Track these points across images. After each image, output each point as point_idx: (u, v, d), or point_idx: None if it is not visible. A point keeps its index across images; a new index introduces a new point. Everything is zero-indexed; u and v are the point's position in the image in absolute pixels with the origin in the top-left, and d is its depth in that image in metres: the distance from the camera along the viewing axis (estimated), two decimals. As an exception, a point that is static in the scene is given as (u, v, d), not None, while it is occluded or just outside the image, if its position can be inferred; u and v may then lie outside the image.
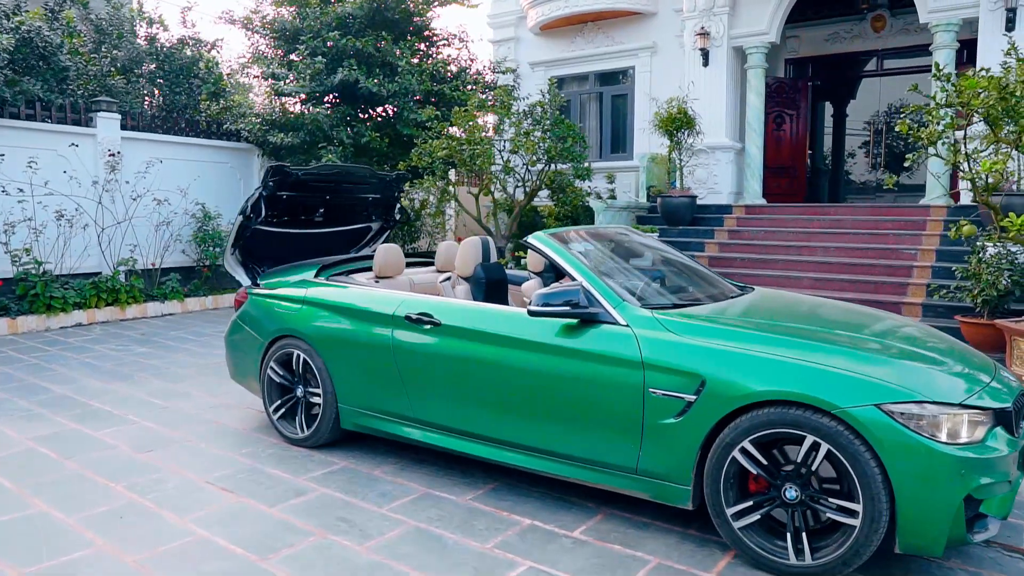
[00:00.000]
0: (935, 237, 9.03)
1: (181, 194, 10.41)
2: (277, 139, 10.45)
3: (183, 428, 4.94)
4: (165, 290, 9.91)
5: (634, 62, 14.58)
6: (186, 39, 11.46)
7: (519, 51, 15.58)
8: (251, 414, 5.29)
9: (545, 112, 9.84)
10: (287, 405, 4.67)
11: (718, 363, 3.09)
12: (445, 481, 4.01)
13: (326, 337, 4.36)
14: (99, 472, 4.12)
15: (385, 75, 10.83)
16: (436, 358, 3.87)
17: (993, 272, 6.67)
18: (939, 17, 9.72)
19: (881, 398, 2.80)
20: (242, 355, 4.96)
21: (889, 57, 12.93)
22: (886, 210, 10.25)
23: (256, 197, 4.97)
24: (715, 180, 11.80)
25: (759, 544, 3.03)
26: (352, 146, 10.67)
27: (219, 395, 5.78)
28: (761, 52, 11.49)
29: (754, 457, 3.01)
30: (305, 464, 4.27)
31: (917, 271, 8.55)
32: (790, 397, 2.90)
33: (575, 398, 3.42)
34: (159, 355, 7.26)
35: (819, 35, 12.97)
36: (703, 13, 11.62)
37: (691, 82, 11.49)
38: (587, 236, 4.12)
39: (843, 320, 3.66)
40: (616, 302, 3.43)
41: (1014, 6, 8.93)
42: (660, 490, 3.27)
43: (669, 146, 11.24)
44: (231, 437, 4.77)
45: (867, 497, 2.78)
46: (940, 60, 9.84)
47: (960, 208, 9.49)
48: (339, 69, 10.33)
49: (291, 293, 4.68)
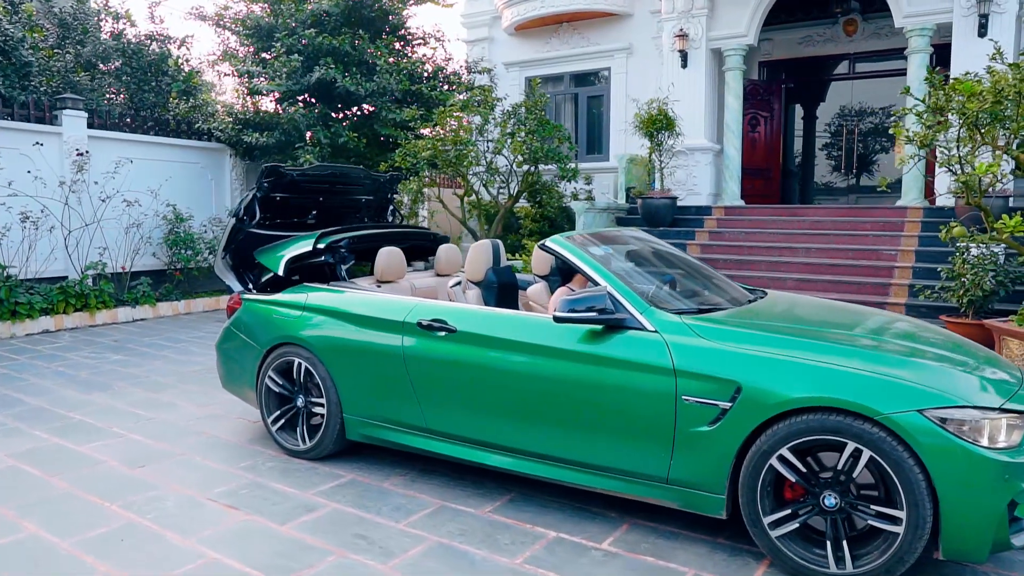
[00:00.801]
0: (913, 238, 9.17)
1: (152, 195, 10.05)
2: (252, 139, 10.17)
3: (174, 441, 4.71)
4: (136, 295, 9.55)
5: (610, 63, 14.59)
6: (154, 35, 11.09)
7: (493, 51, 15.48)
8: (243, 425, 5.08)
9: (531, 112, 9.74)
10: (287, 416, 4.48)
11: (754, 369, 3.02)
12: (459, 493, 3.88)
13: (330, 345, 4.19)
14: (90, 490, 3.89)
15: (362, 74, 10.62)
16: (452, 366, 3.74)
17: (978, 273, 6.77)
18: (914, 22, 9.89)
19: (923, 403, 2.77)
20: (236, 364, 4.76)
21: (861, 61, 13.15)
22: (864, 211, 10.40)
23: (250, 199, 4.78)
24: (694, 181, 11.85)
25: (797, 553, 2.97)
26: (329, 146, 10.44)
27: (206, 405, 5.55)
28: (739, 54, 11.57)
29: (792, 465, 2.95)
30: (310, 477, 4.09)
31: (898, 271, 8.68)
32: (830, 403, 2.85)
33: (602, 406, 3.32)
34: (136, 363, 6.97)
35: (792, 38, 13.13)
36: (682, 15, 11.66)
37: (671, 84, 11.51)
38: (602, 239, 4.03)
39: (867, 323, 3.63)
40: (643, 308, 3.34)
41: (987, 12, 9.13)
42: (692, 499, 3.20)
43: (650, 147, 11.25)
44: (226, 450, 4.56)
45: (911, 504, 2.74)
46: (915, 64, 10.02)
47: (936, 210, 9.68)
48: (316, 68, 10.08)
49: (290, 299, 4.50)
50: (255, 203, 4.76)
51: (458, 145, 9.44)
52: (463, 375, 3.71)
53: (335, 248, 4.71)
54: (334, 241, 4.69)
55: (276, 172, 4.77)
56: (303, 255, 4.63)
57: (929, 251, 8.79)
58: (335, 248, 4.71)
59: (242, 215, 4.76)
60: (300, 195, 5.10)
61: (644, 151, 11.95)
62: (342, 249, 4.73)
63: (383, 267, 4.69)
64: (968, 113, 5.43)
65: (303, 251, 4.63)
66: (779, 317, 3.63)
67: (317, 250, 4.63)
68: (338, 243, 4.71)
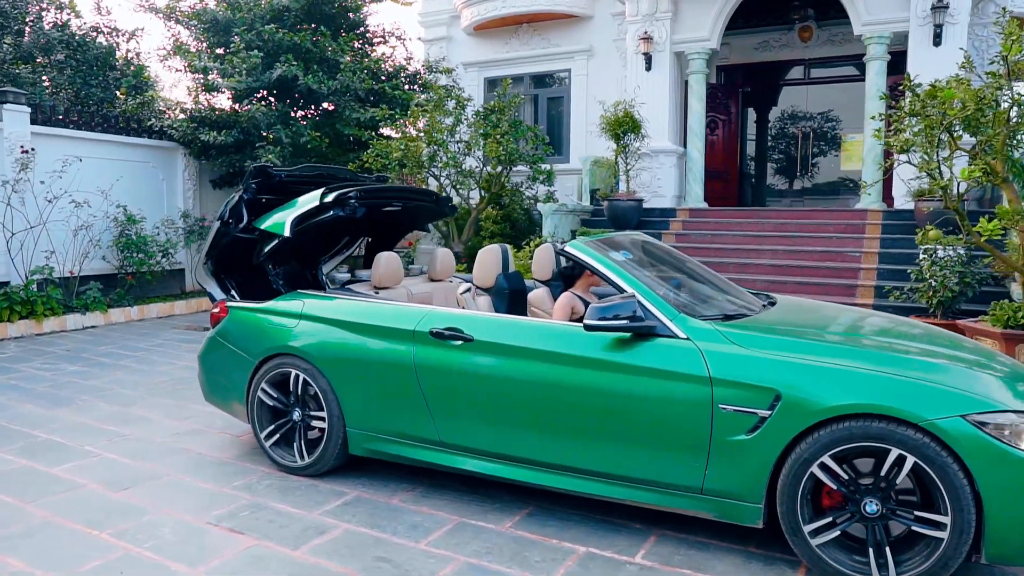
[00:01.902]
0: (875, 240, 9.43)
1: (102, 196, 9.53)
2: (209, 137, 9.74)
3: (156, 460, 4.42)
4: (86, 300, 9.03)
5: (570, 65, 14.59)
6: (100, 27, 10.53)
7: (451, 51, 15.29)
8: (227, 440, 4.81)
9: (503, 113, 9.62)
10: (281, 430, 4.25)
11: (793, 376, 2.98)
12: (474, 508, 3.73)
13: (332, 355, 3.98)
14: (74, 518, 3.59)
15: (324, 72, 10.31)
16: (468, 377, 3.58)
17: (947, 274, 6.97)
18: (872, 30, 10.17)
19: (965, 408, 2.77)
20: (223, 376, 4.49)
21: (815, 66, 13.49)
22: (826, 214, 10.64)
23: (236, 200, 4.52)
24: (659, 184, 11.92)
25: (838, 561, 2.94)
26: (290, 145, 10.09)
27: (183, 419, 5.24)
28: (703, 58, 11.71)
29: (834, 472, 2.92)
30: (312, 496, 3.88)
31: (863, 273, 8.89)
32: (874, 410, 2.82)
33: (633, 416, 3.23)
34: (96, 374, 6.56)
35: (749, 43, 13.37)
36: (646, 18, 11.72)
37: (637, 86, 11.56)
38: (614, 244, 3.94)
39: (889, 328, 3.65)
40: (672, 314, 3.27)
41: (941, 22, 9.45)
42: (728, 509, 3.13)
43: (616, 149, 11.26)
44: (214, 468, 4.30)
45: (956, 509, 2.74)
46: (873, 71, 10.31)
47: (894, 212, 9.97)
48: (277, 64, 9.73)
49: (284, 307, 4.27)
50: (242, 205, 4.50)
51: (431, 145, 9.23)
52: (481, 386, 3.56)
53: (344, 201, 4.28)
54: (342, 194, 4.30)
55: (264, 173, 4.52)
56: (310, 212, 4.28)
57: (891, 253, 9.04)
58: (344, 201, 4.28)
59: (228, 218, 4.50)
60: (286, 197, 4.85)
61: (607, 153, 11.97)
62: (352, 201, 4.30)
63: (382, 272, 4.50)
64: (947, 120, 5.56)
65: (309, 208, 4.26)
66: (805, 323, 3.60)
67: (325, 204, 4.25)
68: (346, 195, 4.30)
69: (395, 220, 5.32)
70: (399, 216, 5.20)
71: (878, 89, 10.24)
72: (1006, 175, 5.89)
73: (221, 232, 4.56)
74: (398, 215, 5.16)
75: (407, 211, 5.16)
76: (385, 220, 5.15)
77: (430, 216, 5.51)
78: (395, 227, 5.46)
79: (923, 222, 9.01)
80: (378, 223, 5.18)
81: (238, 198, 4.51)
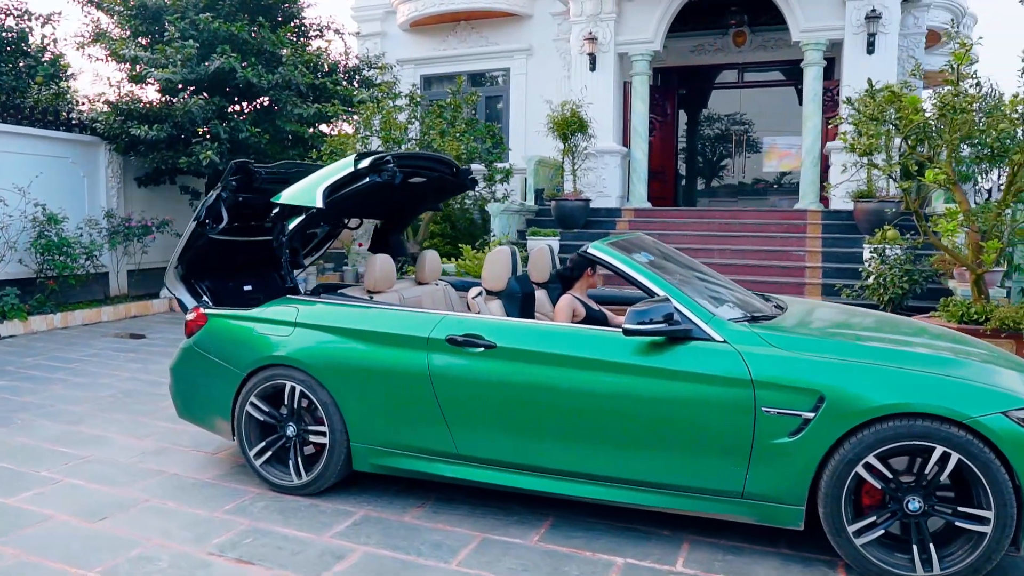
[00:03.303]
0: (817, 239, 9.79)
1: (20, 194, 8.72)
2: (140, 131, 9.08)
3: (127, 483, 4.02)
4: (3, 307, 8.25)
5: (509, 64, 14.52)
6: (10, 9, 9.66)
7: (386, 47, 14.94)
8: (201, 458, 4.45)
9: (458, 110, 9.41)
10: (273, 447, 3.95)
11: (836, 377, 2.98)
12: (493, 522, 3.57)
13: (334, 365, 3.72)
14: (51, 555, 3.20)
15: (263, 65, 9.82)
16: (491, 385, 3.42)
17: (896, 272, 7.29)
18: (810, 36, 10.57)
19: (1004, 405, 2.83)
20: (202, 390, 4.15)
21: (748, 71, 13.93)
22: (767, 214, 10.99)
23: (213, 199, 4.18)
24: (604, 184, 12.00)
25: (881, 559, 2.95)
26: (228, 142, 9.55)
27: (143, 437, 4.83)
28: (646, 59, 11.86)
29: (878, 472, 2.93)
30: (316, 517, 3.62)
31: (809, 271, 9.21)
32: (920, 409, 2.85)
33: (670, 421, 3.16)
34: (31, 390, 5.97)
35: (685, 46, 13.65)
36: (590, 18, 11.77)
37: (584, 86, 11.58)
38: (633, 245, 3.86)
39: (903, 326, 3.72)
40: (707, 317, 3.22)
41: (874, 31, 9.92)
42: (770, 513, 3.10)
43: (563, 149, 11.26)
44: (197, 490, 3.95)
45: (999, 503, 2.79)
46: (810, 76, 10.71)
47: (832, 212, 10.39)
48: (213, 56, 9.18)
49: (276, 314, 3.97)
50: (220, 204, 4.16)
51: (388, 142, 8.92)
52: (505, 395, 3.40)
53: (380, 166, 3.91)
54: (378, 158, 3.94)
55: (245, 169, 4.20)
56: (342, 181, 3.92)
57: (834, 252, 9.41)
58: (380, 166, 3.91)
59: (204, 218, 4.16)
60: (259, 196, 4.53)
61: (550, 153, 11.96)
62: (390, 165, 3.95)
63: (377, 276, 4.26)
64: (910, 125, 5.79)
65: (342, 176, 3.88)
66: (831, 324, 3.63)
67: (360, 172, 3.88)
68: (383, 159, 3.95)
69: (411, 197, 4.97)
70: (417, 192, 4.86)
71: (815, 93, 10.65)
72: (956, 179, 6.19)
73: (196, 233, 4.21)
74: (416, 190, 4.82)
75: (428, 185, 4.81)
76: (400, 198, 4.82)
77: (450, 191, 5.15)
78: (409, 207, 5.14)
79: (862, 222, 9.44)
80: (393, 202, 4.83)
81: (216, 196, 4.18)
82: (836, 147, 10.25)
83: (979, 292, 6.23)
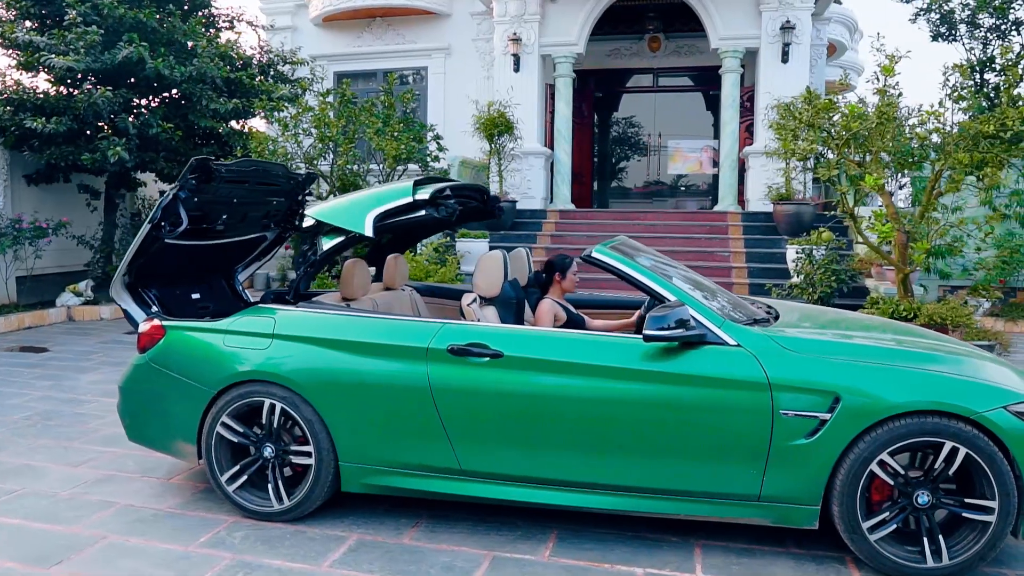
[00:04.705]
0: (740, 240, 10.17)
1: None
2: (36, 124, 8.23)
3: (77, 519, 3.58)
4: None
5: (427, 63, 14.28)
6: None
7: (298, 42, 14.32)
8: (155, 485, 4.04)
9: (392, 108, 9.10)
10: (249, 471, 3.62)
11: (850, 378, 3.04)
12: (497, 538, 3.42)
13: (320, 380, 3.46)
14: (8, 608, 2.79)
15: (174, 56, 9.15)
16: (500, 397, 3.27)
17: (825, 272, 7.67)
18: (727, 44, 10.97)
19: (1004, 400, 2.98)
20: (161, 411, 3.76)
21: (663, 75, 14.32)
22: (689, 215, 11.32)
23: (171, 200, 3.80)
24: (528, 185, 12.01)
25: (894, 553, 3.04)
26: (137, 137, 8.82)
27: (78, 464, 4.34)
28: (569, 62, 11.95)
29: (891, 468, 3.01)
30: (306, 544, 3.34)
31: (735, 272, 9.55)
32: (930, 407, 2.95)
33: (688, 427, 3.13)
34: (-75, 417, 5.26)
35: (602, 50, 13.88)
36: (514, 19, 11.74)
37: (511, 87, 11.53)
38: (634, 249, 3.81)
39: (894, 327, 3.86)
40: (719, 321, 3.21)
41: (789, 41, 10.42)
42: (786, 514, 3.13)
43: (490, 150, 11.18)
44: (161, 522, 3.57)
45: (1002, 493, 2.93)
46: (728, 83, 11.12)
47: (751, 214, 10.84)
48: (120, 44, 8.46)
49: (249, 325, 3.65)
50: (179, 205, 3.79)
51: (323, 141, 8.50)
52: (514, 405, 3.27)
53: (440, 200, 3.60)
54: (438, 191, 3.63)
55: (205, 167, 3.84)
56: (397, 210, 3.59)
57: (756, 252, 9.80)
58: (440, 200, 3.60)
59: (160, 220, 3.77)
60: (219, 196, 4.18)
61: (474, 154, 11.85)
62: (450, 201, 3.66)
63: (356, 282, 4.01)
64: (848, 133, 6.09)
65: (398, 205, 3.56)
66: (831, 325, 3.72)
67: (418, 202, 3.56)
68: (442, 193, 3.64)
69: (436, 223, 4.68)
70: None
71: (734, 99, 11.08)
72: (884, 182, 6.58)
73: (151, 238, 3.81)
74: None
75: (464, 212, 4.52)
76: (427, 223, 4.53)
77: (475, 217, 4.88)
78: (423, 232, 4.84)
79: (782, 224, 9.89)
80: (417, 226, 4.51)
81: (172, 196, 3.80)
82: (755, 151, 10.72)
83: (905, 290, 6.64)
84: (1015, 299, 9.52)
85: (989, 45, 10.81)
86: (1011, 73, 8.07)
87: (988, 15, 10.74)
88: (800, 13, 10.38)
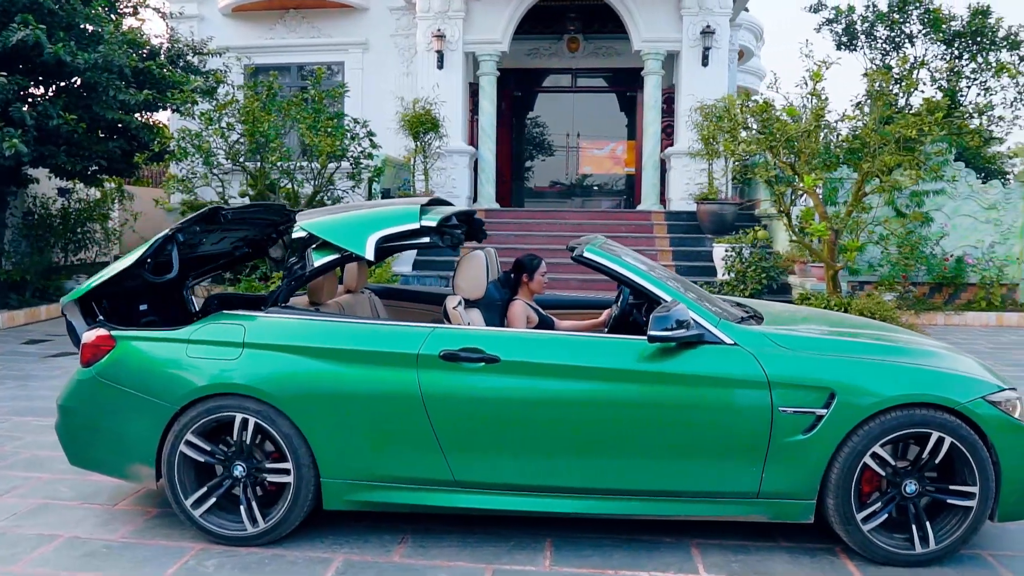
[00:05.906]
0: (665, 239, 10.42)
1: None
2: (-84, 114, 7.36)
3: (14, 557, 3.18)
4: None
5: (344, 58, 13.84)
6: None
7: (205, 32, 13.53)
8: (100, 513, 3.65)
9: (321, 104, 8.71)
10: (217, 492, 3.33)
11: (844, 374, 3.11)
12: (492, 550, 3.29)
13: (299, 391, 3.22)
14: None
15: (76, 41, 8.42)
16: (496, 403, 3.15)
17: (755, 270, 7.96)
18: (650, 46, 11.21)
19: (983, 391, 3.14)
20: (112, 430, 3.40)
21: (581, 76, 14.48)
22: (615, 215, 11.50)
23: (163, 242, 3.47)
24: (454, 184, 11.85)
25: (885, 542, 3.14)
26: (35, 129, 8.05)
27: (6, 493, 3.88)
28: (493, 60, 11.88)
29: (883, 460, 3.11)
30: (288, 570, 3.10)
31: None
32: (920, 399, 3.06)
33: (689, 427, 3.13)
34: None
35: (521, 49, 13.88)
36: (438, 16, 11.54)
37: (436, 84, 11.32)
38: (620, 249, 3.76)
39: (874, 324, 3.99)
40: (715, 320, 3.22)
41: (709, 45, 10.76)
42: (783, 509, 3.18)
43: (414, 148, 10.95)
44: (118, 555, 3.22)
45: (983, 479, 3.08)
46: (650, 85, 11.37)
47: (673, 213, 11.12)
48: (13, 26, 7.70)
49: (217, 333, 3.35)
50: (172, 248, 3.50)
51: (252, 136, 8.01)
52: (512, 412, 3.16)
53: (447, 229, 3.47)
54: (446, 218, 3.45)
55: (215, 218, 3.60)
56: (400, 235, 3.39)
57: (682, 250, 10.06)
58: (447, 229, 3.47)
59: (147, 259, 3.46)
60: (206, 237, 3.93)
61: (395, 152, 11.58)
62: (457, 231, 3.54)
63: (327, 287, 3.77)
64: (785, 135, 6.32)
65: (403, 230, 3.36)
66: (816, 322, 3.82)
67: (424, 229, 3.37)
68: (449, 220, 3.49)
69: None
70: None
71: (656, 101, 11.33)
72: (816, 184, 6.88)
73: (130, 274, 3.49)
74: None
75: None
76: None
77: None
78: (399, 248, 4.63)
79: (706, 222, 10.20)
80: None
81: (164, 240, 3.47)
82: (677, 152, 11.01)
83: (834, 286, 6.97)
84: (915, 293, 10.22)
85: (887, 55, 11.56)
86: (907, 81, 8.65)
87: (885, 28, 11.49)
88: (719, 18, 10.74)
